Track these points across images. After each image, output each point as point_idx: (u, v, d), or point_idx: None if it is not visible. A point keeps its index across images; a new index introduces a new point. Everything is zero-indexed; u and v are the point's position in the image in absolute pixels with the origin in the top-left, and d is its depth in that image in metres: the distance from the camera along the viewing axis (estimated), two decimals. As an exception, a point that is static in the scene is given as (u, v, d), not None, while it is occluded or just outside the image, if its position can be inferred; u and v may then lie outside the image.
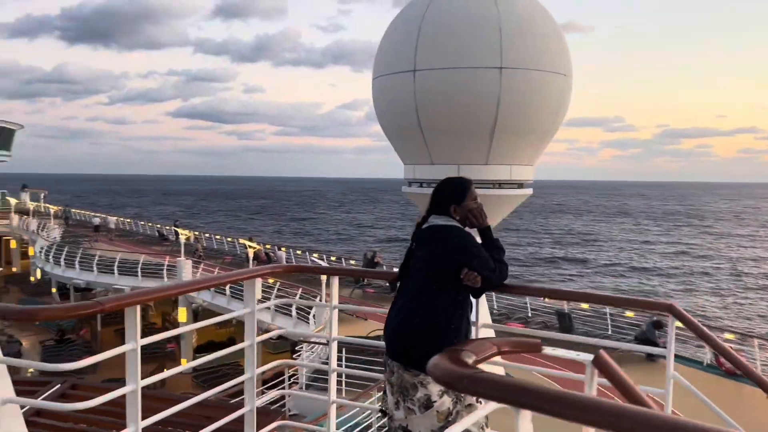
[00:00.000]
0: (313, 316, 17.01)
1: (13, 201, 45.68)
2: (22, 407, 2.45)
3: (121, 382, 2.98)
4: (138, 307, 2.19)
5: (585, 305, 16.57)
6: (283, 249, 29.39)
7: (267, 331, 17.79)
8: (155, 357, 23.10)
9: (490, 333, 3.41)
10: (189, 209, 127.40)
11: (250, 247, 22.76)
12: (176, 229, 28.85)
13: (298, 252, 30.35)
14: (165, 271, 24.01)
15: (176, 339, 24.94)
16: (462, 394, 2.74)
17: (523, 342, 1.75)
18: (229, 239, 34.63)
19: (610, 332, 15.93)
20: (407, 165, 12.73)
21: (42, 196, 52.14)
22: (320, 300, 14.82)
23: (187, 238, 26.35)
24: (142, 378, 2.21)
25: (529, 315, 18.16)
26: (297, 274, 15.63)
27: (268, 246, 32.49)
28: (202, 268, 23.94)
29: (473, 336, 3.16)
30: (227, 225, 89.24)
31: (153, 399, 3.03)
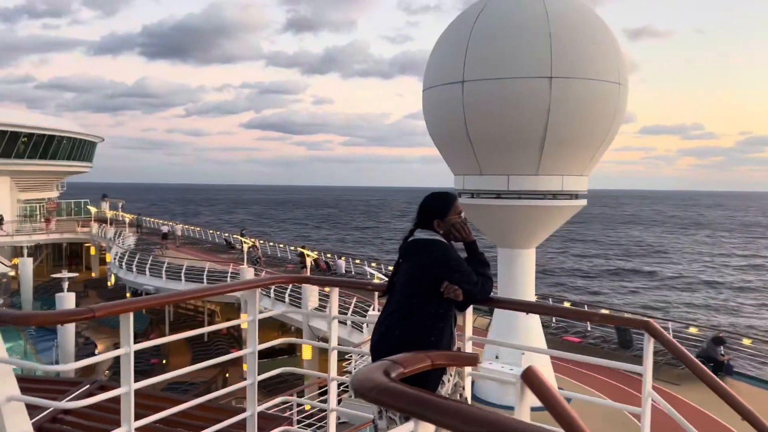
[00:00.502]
0: (366, 325, 17.15)
1: (93, 210, 48.24)
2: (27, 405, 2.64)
3: (183, 386, 3.19)
4: (131, 314, 2.35)
5: (646, 320, 15.95)
6: (342, 258, 29.75)
7: (324, 339, 18.07)
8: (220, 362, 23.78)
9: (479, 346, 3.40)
10: (258, 217, 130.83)
11: (307, 255, 23.21)
12: (241, 237, 29.72)
13: (357, 261, 30.65)
14: (228, 278, 24.81)
15: (239, 345, 25.67)
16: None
17: (459, 356, 1.77)
18: (292, 247, 35.38)
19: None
20: (457, 176, 12.72)
21: (120, 205, 54.80)
22: (372, 310, 14.94)
23: (250, 247, 27.14)
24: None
25: (588, 329, 17.67)
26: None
27: (329, 255, 32.98)
28: (263, 275, 24.54)
29: (464, 349, 3.17)
30: (295, 233, 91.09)
31: (156, 399, 3.21)
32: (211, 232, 45.85)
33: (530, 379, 1.49)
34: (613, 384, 13.47)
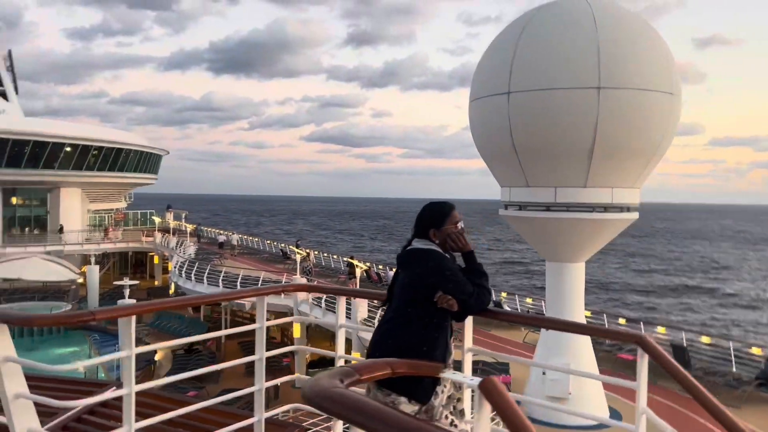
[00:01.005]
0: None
1: (157, 220, 50.14)
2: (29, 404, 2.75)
3: (239, 391, 3.30)
4: (133, 318, 2.45)
5: (706, 339, 15.28)
6: (393, 270, 29.70)
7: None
8: (271, 370, 24.23)
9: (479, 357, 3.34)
10: (316, 228, 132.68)
11: (357, 266, 23.40)
12: (295, 248, 30.25)
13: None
14: (281, 288, 25.23)
15: (291, 353, 26.00)
16: (443, 418, 2.73)
17: (422, 364, 1.75)
18: (345, 258, 35.77)
19: (734, 368, 14.57)
20: (503, 187, 12.58)
21: (183, 215, 56.68)
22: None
23: (303, 258, 27.57)
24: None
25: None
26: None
27: (380, 266, 33.11)
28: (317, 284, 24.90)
29: (463, 361, 3.14)
30: (350, 244, 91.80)
31: (163, 399, 3.31)
32: (268, 242, 46.83)
33: (488, 389, 1.47)
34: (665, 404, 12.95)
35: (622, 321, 19.28)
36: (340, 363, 3.40)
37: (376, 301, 3.58)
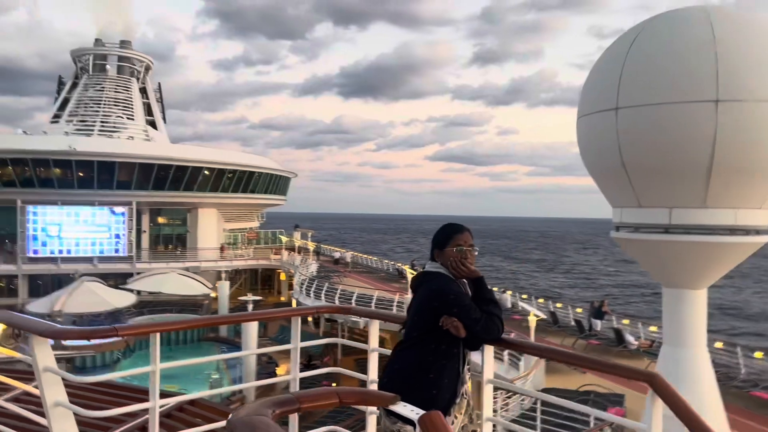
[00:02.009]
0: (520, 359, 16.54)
1: (284, 239, 52.73)
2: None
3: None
4: (158, 335, 2.62)
5: None
6: (508, 292, 29.17)
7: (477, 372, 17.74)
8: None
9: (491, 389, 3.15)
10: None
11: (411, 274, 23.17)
12: (406, 267, 30.51)
13: (524, 296, 29.81)
14: (394, 307, 25.52)
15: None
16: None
17: (373, 394, 1.67)
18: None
19: None
20: (615, 208, 11.92)
21: (309, 234, 59.13)
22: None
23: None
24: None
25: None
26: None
27: (495, 288, 32.49)
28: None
29: (482, 392, 2.98)
30: (481, 266, 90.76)
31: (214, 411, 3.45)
32: (386, 261, 47.66)
33: (426, 424, 1.41)
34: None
35: (758, 354, 17.39)
36: (372, 387, 3.39)
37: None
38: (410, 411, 1.73)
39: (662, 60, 10.36)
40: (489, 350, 3.02)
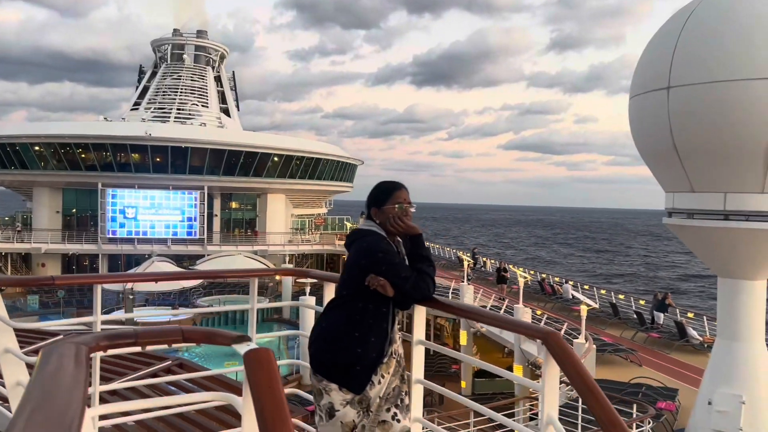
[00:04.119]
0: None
1: (349, 225, 53.40)
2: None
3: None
4: (100, 287, 2.73)
5: None
6: (569, 282, 28.40)
7: (535, 365, 17.44)
8: (439, 376, 24.50)
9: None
10: (502, 237, 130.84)
11: (521, 276, 22.71)
12: (462, 255, 30.21)
13: (586, 287, 28.94)
14: (450, 294, 25.38)
15: (460, 360, 26.02)
16: (385, 411, 2.59)
17: (219, 333, 1.62)
18: (521, 269, 34.97)
19: None
20: (667, 193, 11.38)
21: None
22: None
23: (471, 264, 27.43)
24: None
25: None
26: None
27: (557, 278, 31.69)
28: (482, 292, 24.67)
29: (412, 354, 2.89)
30: (527, 254, 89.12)
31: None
32: (447, 249, 47.48)
33: (251, 361, 1.40)
34: None
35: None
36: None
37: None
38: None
39: (717, 37, 9.77)
40: (420, 311, 2.94)
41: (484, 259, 32.61)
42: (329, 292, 3.49)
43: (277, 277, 40.54)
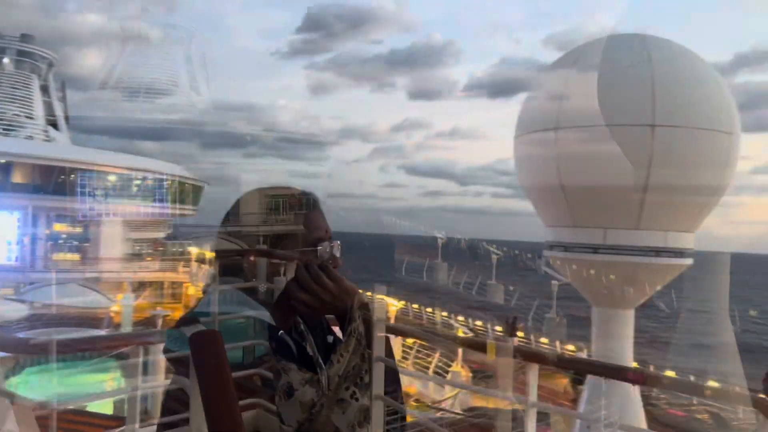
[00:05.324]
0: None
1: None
2: None
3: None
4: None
5: None
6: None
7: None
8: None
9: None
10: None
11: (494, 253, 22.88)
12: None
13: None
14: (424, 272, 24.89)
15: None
16: (344, 390, 2.36)
17: None
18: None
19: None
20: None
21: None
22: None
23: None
24: None
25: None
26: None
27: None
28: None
29: (360, 330, 2.72)
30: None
31: None
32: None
33: (194, 342, 1.35)
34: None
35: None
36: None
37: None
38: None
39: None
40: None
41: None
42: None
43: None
